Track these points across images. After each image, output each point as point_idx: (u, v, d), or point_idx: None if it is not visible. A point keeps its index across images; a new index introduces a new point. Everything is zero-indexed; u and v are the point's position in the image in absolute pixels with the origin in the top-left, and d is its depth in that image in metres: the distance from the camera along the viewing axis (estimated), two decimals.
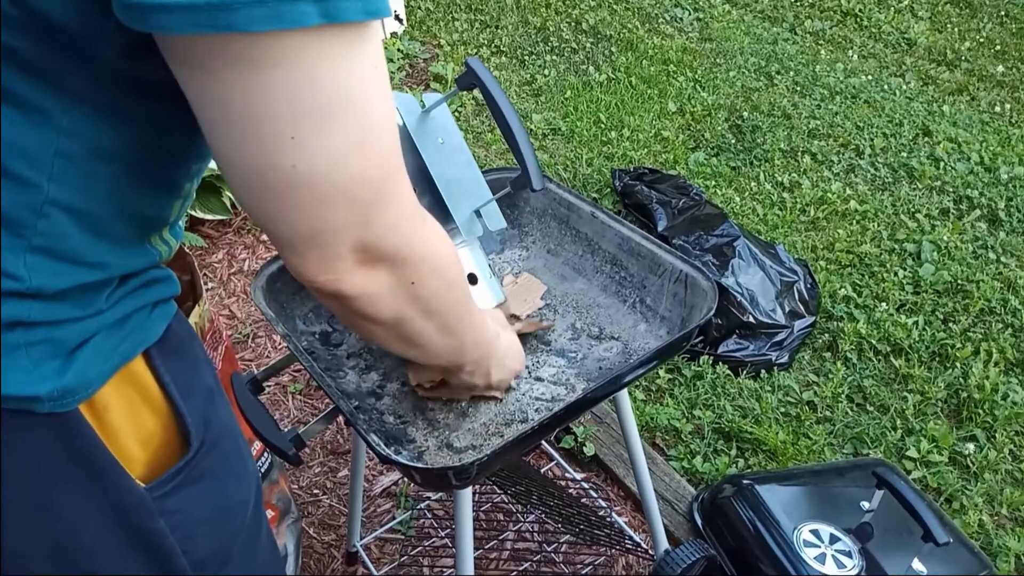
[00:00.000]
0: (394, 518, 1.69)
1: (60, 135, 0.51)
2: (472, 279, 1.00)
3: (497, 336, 0.92)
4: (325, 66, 0.48)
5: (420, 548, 1.64)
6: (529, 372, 1.08)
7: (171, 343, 0.64)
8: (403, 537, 1.67)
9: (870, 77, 3.32)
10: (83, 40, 0.48)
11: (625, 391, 1.24)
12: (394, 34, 3.44)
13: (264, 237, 2.49)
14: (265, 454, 1.43)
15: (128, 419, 0.60)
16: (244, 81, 0.47)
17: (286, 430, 0.90)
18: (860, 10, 3.86)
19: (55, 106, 0.50)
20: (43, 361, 0.54)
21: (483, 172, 1.24)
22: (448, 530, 1.65)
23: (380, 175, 0.54)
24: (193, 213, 2.32)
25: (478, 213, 1.02)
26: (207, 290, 2.29)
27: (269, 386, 2.01)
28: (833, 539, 1.41)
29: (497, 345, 0.91)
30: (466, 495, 1.03)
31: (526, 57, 3.41)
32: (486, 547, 1.62)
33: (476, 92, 3.14)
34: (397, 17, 3.47)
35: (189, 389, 0.65)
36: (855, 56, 3.52)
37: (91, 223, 0.55)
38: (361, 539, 1.59)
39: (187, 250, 1.26)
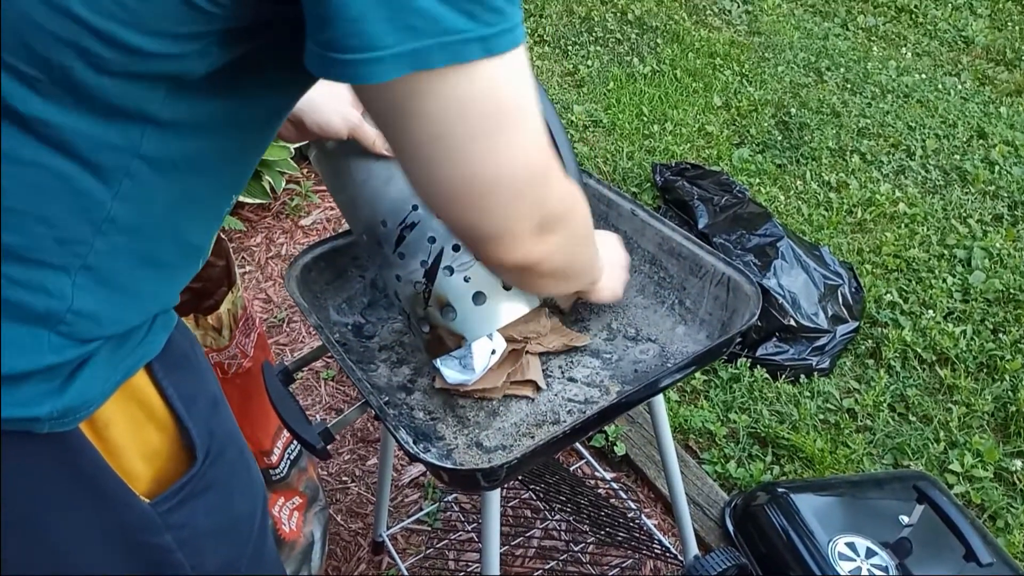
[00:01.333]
0: (421, 509, 1.69)
1: (134, 157, 0.52)
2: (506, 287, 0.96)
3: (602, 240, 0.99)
4: (501, 85, 0.55)
5: (446, 541, 1.63)
6: (562, 372, 1.06)
7: (173, 354, 0.63)
8: (429, 529, 1.66)
9: (924, 76, 3.22)
10: (177, 72, 0.50)
11: (661, 394, 1.21)
12: None
13: (303, 222, 2.50)
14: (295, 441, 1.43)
15: (131, 435, 0.60)
16: (434, 108, 0.53)
17: (316, 422, 0.89)
18: (916, 6, 3.75)
19: (137, 131, 0.51)
20: (42, 383, 0.53)
21: None
22: (475, 524, 1.64)
23: (547, 159, 0.61)
24: None
25: None
26: (244, 274, 2.30)
27: (302, 372, 2.02)
28: (870, 553, 1.37)
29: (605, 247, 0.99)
30: (494, 496, 1.01)
31: (569, 47, 3.37)
32: (512, 543, 1.60)
33: None
34: None
35: (193, 400, 0.64)
36: (909, 54, 3.42)
37: (145, 247, 0.56)
38: (388, 529, 1.58)
39: (223, 235, 1.26)
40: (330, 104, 0.90)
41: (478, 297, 0.93)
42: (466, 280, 0.93)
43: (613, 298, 1.01)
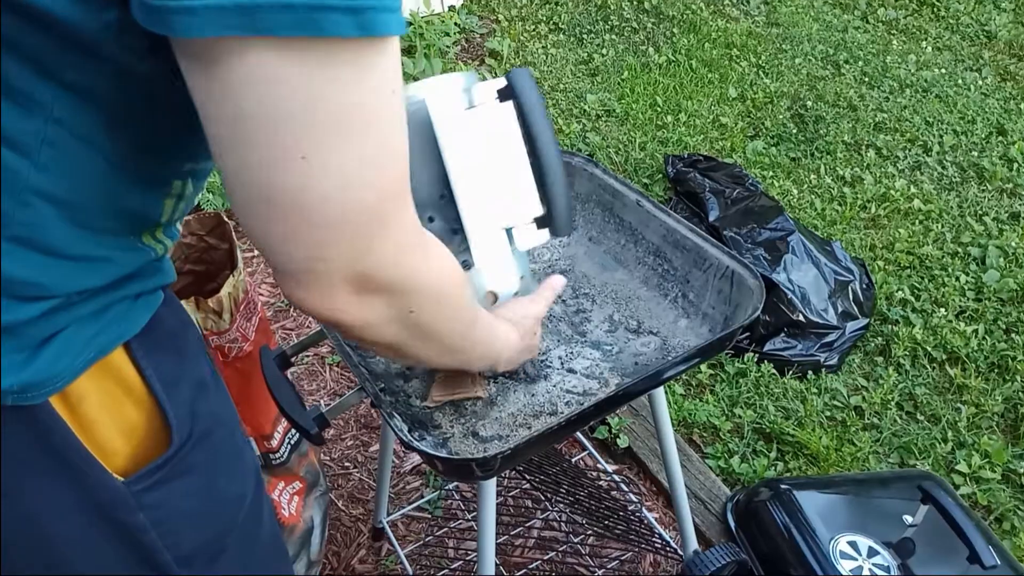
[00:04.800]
0: (422, 496, 1.69)
1: (49, 123, 0.49)
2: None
3: (504, 346, 0.87)
4: (349, 81, 0.46)
5: (446, 529, 1.63)
6: (562, 363, 1.05)
7: (156, 334, 0.61)
8: (430, 516, 1.66)
9: (944, 70, 3.18)
10: (83, 34, 0.46)
11: (661, 386, 1.20)
12: (452, 8, 3.40)
13: None
14: None
15: (107, 411, 0.58)
16: (261, 92, 0.45)
17: (311, 407, 0.89)
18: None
19: (48, 95, 0.48)
20: (5, 355, 0.52)
21: None
22: (475, 512, 1.63)
23: (385, 204, 0.52)
24: None
25: (509, 231, 0.92)
26: (252, 258, 2.30)
27: (307, 356, 2.02)
28: (872, 552, 1.35)
29: (507, 349, 0.87)
30: (490, 485, 1.01)
31: (584, 35, 3.34)
32: (512, 533, 1.60)
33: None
34: None
35: (175, 382, 0.62)
36: (929, 48, 3.36)
37: (76, 215, 0.52)
38: (388, 515, 1.58)
39: (227, 219, 1.25)
40: None
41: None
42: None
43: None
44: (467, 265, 0.91)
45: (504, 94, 0.86)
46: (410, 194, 0.56)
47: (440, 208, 0.89)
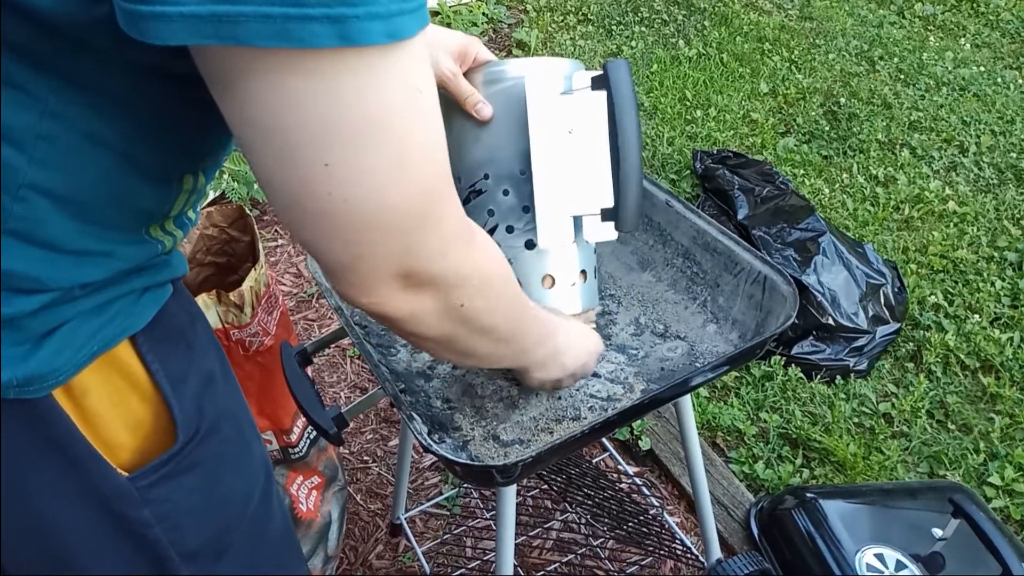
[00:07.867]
0: (441, 493, 1.67)
1: (45, 117, 0.47)
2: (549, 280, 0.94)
3: (556, 329, 0.85)
4: (350, 89, 0.44)
5: (464, 527, 1.61)
6: None
7: (163, 328, 0.60)
8: (448, 514, 1.65)
9: (982, 68, 3.10)
10: (75, 27, 0.45)
11: (688, 393, 1.17)
12: None
13: None
14: None
15: (113, 405, 0.57)
16: (265, 100, 0.43)
17: (340, 401, 0.88)
18: None
19: (43, 88, 0.46)
20: (6, 348, 0.51)
21: None
22: (493, 511, 1.62)
23: (422, 202, 0.51)
24: None
25: (578, 220, 0.92)
26: (276, 247, 2.30)
27: (329, 348, 2.01)
28: (899, 566, 1.32)
29: (559, 338, 0.85)
30: (509, 491, 0.99)
31: (613, 27, 3.30)
32: (530, 534, 1.58)
33: None
34: None
35: (182, 377, 0.61)
36: (968, 45, 3.28)
37: (77, 210, 0.51)
38: (406, 512, 1.57)
39: (248, 211, 1.24)
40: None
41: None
42: (509, 262, 0.92)
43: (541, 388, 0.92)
44: (530, 245, 0.92)
45: (597, 83, 0.85)
46: (452, 187, 0.55)
47: (517, 184, 0.90)
